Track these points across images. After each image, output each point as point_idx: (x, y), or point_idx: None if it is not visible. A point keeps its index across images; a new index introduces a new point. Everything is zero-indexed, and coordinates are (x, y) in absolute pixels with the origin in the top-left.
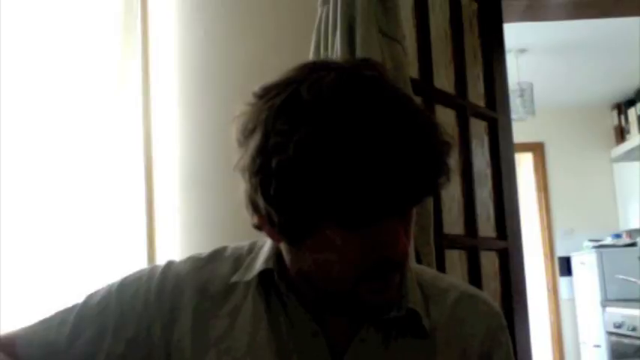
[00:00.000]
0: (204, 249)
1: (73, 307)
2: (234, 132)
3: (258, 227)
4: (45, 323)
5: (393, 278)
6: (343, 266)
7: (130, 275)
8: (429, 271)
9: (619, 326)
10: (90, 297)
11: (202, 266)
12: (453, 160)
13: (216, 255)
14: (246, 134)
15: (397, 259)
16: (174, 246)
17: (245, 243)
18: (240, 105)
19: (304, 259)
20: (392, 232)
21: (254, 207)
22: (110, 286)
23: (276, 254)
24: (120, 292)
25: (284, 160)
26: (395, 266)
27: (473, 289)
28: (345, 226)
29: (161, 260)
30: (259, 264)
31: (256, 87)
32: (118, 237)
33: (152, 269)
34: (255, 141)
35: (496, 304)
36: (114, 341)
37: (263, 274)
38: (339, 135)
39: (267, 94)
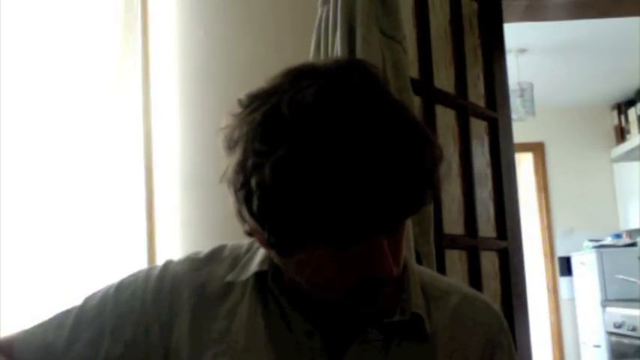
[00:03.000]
0: (204, 248)
1: (71, 309)
2: (221, 141)
3: (250, 234)
4: (43, 326)
5: (380, 292)
6: (329, 281)
7: (128, 277)
8: (428, 272)
9: (619, 326)
10: (88, 299)
11: (200, 267)
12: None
13: (214, 255)
14: (231, 146)
15: (383, 278)
16: (174, 246)
17: (244, 242)
18: (226, 114)
19: (293, 271)
20: (377, 251)
21: (242, 218)
22: (108, 288)
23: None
24: (117, 293)
25: (261, 181)
26: (381, 284)
27: (473, 292)
28: (328, 245)
29: (161, 260)
30: (254, 265)
31: (251, 90)
32: (118, 237)
33: (149, 270)
34: (236, 157)
35: (497, 306)
36: (112, 343)
37: (258, 276)
38: (315, 155)
39: (251, 104)
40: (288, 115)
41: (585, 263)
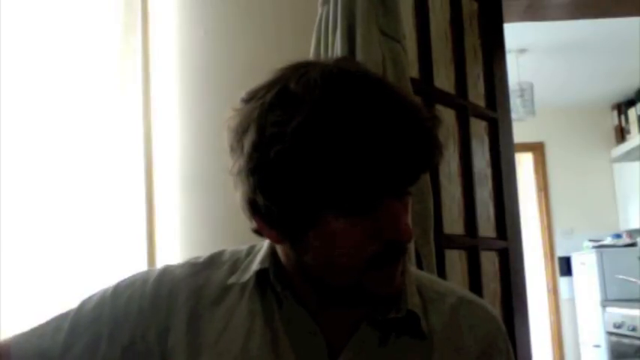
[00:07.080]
0: (204, 248)
1: (67, 313)
2: (226, 138)
3: (258, 231)
4: (39, 330)
5: (397, 266)
6: (348, 256)
7: (124, 280)
8: (427, 276)
9: (619, 326)
10: (84, 303)
11: (198, 272)
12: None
13: (213, 260)
14: (240, 135)
15: (401, 240)
16: (174, 245)
17: (244, 247)
18: (229, 111)
19: (308, 255)
20: (393, 214)
21: (253, 208)
22: (104, 292)
23: (271, 254)
24: (114, 298)
25: (282, 149)
26: (400, 249)
27: (472, 295)
28: (345, 213)
29: (161, 260)
30: (255, 265)
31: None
32: (118, 237)
33: (146, 274)
34: (250, 139)
35: (495, 310)
36: (109, 348)
37: (259, 274)
38: (333, 120)
39: (254, 96)
40: (298, 90)
41: (585, 263)
